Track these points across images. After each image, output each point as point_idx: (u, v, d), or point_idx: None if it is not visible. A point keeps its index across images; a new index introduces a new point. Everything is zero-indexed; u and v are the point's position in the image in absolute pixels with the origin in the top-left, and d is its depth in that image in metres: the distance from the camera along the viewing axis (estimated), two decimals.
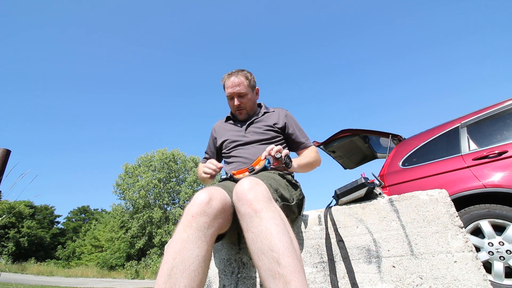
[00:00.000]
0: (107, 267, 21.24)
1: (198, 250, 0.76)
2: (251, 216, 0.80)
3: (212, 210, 0.82)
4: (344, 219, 1.08)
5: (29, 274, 15.36)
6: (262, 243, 0.76)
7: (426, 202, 0.98)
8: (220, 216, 0.85)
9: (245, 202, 0.83)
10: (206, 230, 0.79)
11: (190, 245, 0.75)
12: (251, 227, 0.80)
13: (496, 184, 1.90)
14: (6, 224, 26.06)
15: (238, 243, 1.18)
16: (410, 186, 2.29)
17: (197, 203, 0.82)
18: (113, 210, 21.52)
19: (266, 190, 0.88)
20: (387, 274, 0.93)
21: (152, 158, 22.15)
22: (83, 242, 28.93)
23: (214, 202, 0.84)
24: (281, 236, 0.77)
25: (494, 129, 2.16)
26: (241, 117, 1.51)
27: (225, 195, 0.91)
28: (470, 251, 0.87)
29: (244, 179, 0.90)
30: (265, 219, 0.79)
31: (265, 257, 0.74)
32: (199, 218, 0.80)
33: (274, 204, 0.86)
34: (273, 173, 1.16)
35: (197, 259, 0.74)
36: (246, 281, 1.10)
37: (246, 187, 0.86)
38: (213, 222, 0.82)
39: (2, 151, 1.69)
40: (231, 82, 1.45)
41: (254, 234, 0.78)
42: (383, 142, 3.48)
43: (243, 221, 0.83)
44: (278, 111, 1.53)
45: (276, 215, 0.82)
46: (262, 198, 0.83)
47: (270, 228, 0.77)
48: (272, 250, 0.74)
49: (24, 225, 28.13)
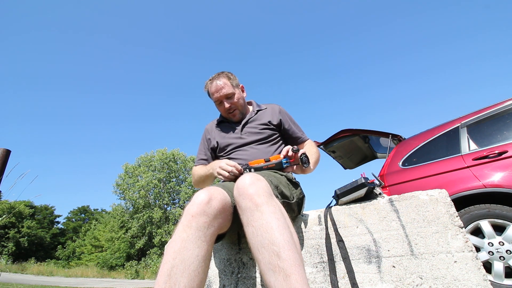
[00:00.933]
0: (107, 267, 21.23)
1: (198, 250, 0.75)
2: (252, 210, 0.81)
3: (212, 210, 0.82)
4: (344, 219, 1.08)
5: (29, 274, 15.36)
6: (262, 237, 0.76)
7: (426, 202, 0.98)
8: (220, 216, 0.85)
9: (246, 196, 0.83)
10: (206, 230, 0.79)
11: (190, 245, 0.75)
12: (251, 221, 0.80)
13: (496, 184, 1.90)
14: (6, 224, 26.06)
15: (238, 243, 1.18)
16: (410, 186, 2.29)
17: (197, 203, 0.82)
18: (113, 210, 21.52)
19: (267, 185, 0.89)
20: (387, 274, 0.93)
21: (152, 158, 22.14)
22: (83, 242, 28.91)
23: (214, 202, 0.84)
24: (282, 230, 0.77)
25: (494, 129, 2.16)
26: (235, 119, 1.45)
27: (225, 195, 0.91)
28: (470, 251, 0.87)
29: (246, 175, 0.90)
30: (266, 213, 0.79)
31: (265, 251, 0.74)
32: (199, 218, 0.79)
33: (274, 199, 0.86)
34: (274, 172, 1.15)
35: (197, 259, 0.74)
36: (246, 281, 1.10)
37: (247, 182, 0.86)
38: (213, 222, 0.82)
39: (2, 151, 1.70)
40: (214, 87, 1.40)
41: (254, 228, 0.79)
42: (383, 142, 3.48)
43: (243, 215, 0.83)
44: (271, 108, 1.49)
45: (277, 209, 0.82)
46: (263, 193, 0.84)
47: (271, 222, 0.78)
48: (273, 244, 0.74)
49: (24, 225, 28.12)
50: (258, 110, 1.49)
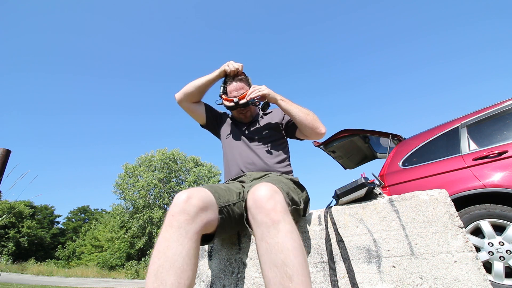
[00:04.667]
0: (107, 267, 21.24)
1: (181, 247, 0.76)
2: (268, 226, 0.80)
3: (191, 207, 0.83)
4: (344, 219, 1.08)
5: (29, 274, 15.36)
6: (276, 256, 0.76)
7: (426, 202, 0.98)
8: (201, 214, 0.85)
9: (263, 210, 0.82)
10: (187, 227, 0.80)
11: (173, 243, 0.76)
12: (266, 237, 0.79)
13: (496, 184, 1.90)
14: (6, 224, 26.06)
15: (238, 243, 1.18)
16: (410, 186, 2.29)
17: (176, 203, 0.84)
18: (113, 210, 21.51)
19: (284, 200, 0.88)
20: (387, 274, 0.93)
21: (152, 158, 22.15)
22: (83, 242, 28.90)
23: (193, 200, 0.85)
24: (297, 252, 0.77)
25: (494, 129, 2.16)
26: (246, 120, 1.50)
27: (207, 193, 0.91)
28: (470, 251, 0.87)
29: (262, 185, 0.89)
30: (282, 231, 0.79)
31: (278, 270, 0.74)
32: (179, 216, 0.81)
33: (290, 216, 0.85)
34: (279, 175, 1.17)
35: (181, 256, 0.75)
36: (246, 281, 1.10)
37: (264, 195, 0.85)
38: (194, 219, 0.82)
39: (2, 151, 1.69)
40: (234, 86, 1.41)
41: (269, 244, 0.78)
42: (383, 142, 3.48)
43: (258, 228, 0.82)
44: (275, 111, 1.55)
45: (293, 229, 0.82)
46: (280, 209, 0.83)
47: (287, 242, 0.77)
48: (286, 265, 0.74)
49: (24, 225, 28.12)
50: (264, 113, 1.54)
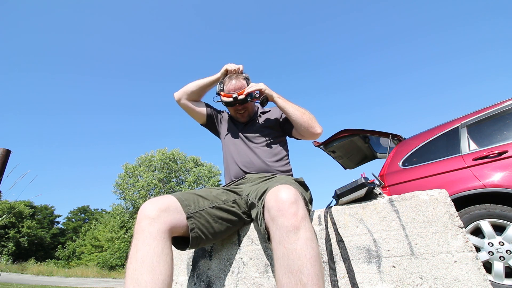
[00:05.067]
0: (107, 267, 21.23)
1: (148, 247, 0.81)
2: (289, 230, 0.80)
3: (151, 211, 0.88)
4: (344, 219, 1.07)
5: (29, 274, 15.37)
6: (293, 262, 0.76)
7: (426, 202, 0.98)
8: (162, 214, 0.88)
9: (286, 213, 0.82)
10: (150, 228, 0.84)
11: (140, 246, 0.82)
12: (285, 241, 0.79)
13: (496, 184, 1.90)
14: (6, 224, 26.06)
15: (238, 243, 1.18)
16: (410, 186, 2.29)
17: (139, 212, 0.90)
18: (113, 210, 21.53)
19: (304, 206, 0.88)
20: (387, 274, 0.93)
21: (152, 158, 22.15)
22: (83, 242, 28.89)
23: (154, 205, 0.90)
24: (314, 261, 0.77)
25: (494, 129, 2.16)
26: (243, 120, 1.49)
27: (169, 198, 0.96)
28: (470, 251, 0.87)
29: (285, 188, 0.89)
30: (302, 238, 0.79)
31: (293, 277, 0.74)
32: (142, 222, 0.86)
33: (310, 223, 0.85)
34: (286, 176, 1.18)
35: (149, 255, 0.80)
36: (246, 281, 1.10)
37: (288, 198, 0.85)
38: (156, 220, 0.86)
39: (2, 151, 1.70)
40: (233, 85, 1.41)
41: (286, 249, 0.78)
42: (383, 142, 3.48)
43: (277, 231, 0.82)
44: (273, 110, 1.55)
45: (313, 236, 0.82)
46: (302, 215, 0.83)
47: (305, 249, 0.77)
48: (302, 273, 0.74)
49: (24, 225, 28.14)
50: (261, 112, 1.54)
